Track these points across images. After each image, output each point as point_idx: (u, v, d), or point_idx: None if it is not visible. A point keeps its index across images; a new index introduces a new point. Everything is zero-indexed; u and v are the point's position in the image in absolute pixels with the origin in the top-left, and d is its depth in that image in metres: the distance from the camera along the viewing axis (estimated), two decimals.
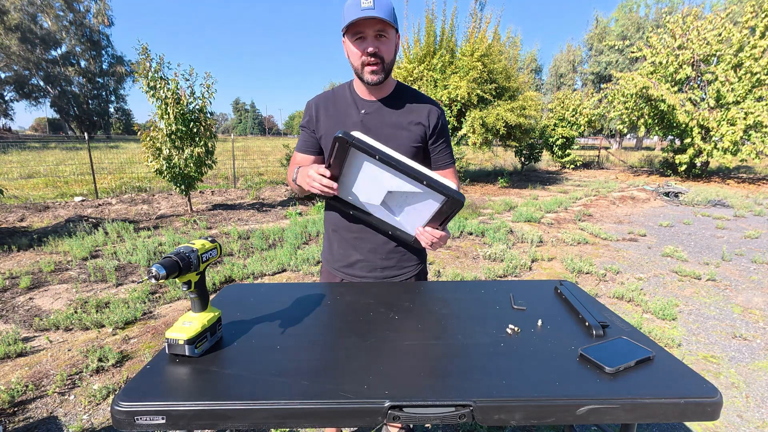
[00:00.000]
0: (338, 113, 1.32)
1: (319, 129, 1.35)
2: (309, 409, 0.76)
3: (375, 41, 1.17)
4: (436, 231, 1.21)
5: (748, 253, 4.98)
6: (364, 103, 1.31)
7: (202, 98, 6.45)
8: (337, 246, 1.43)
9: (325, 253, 1.51)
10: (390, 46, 1.20)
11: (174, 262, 0.85)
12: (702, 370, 2.50)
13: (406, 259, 1.42)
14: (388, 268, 1.41)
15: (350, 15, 1.12)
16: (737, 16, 14.50)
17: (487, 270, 4.12)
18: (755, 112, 10.52)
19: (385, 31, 1.17)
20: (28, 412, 2.03)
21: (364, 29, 1.15)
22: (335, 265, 1.45)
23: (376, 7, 1.11)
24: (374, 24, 1.14)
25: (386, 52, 1.19)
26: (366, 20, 1.12)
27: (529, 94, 10.73)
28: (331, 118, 1.33)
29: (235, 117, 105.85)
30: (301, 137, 1.41)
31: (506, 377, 0.84)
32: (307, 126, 1.38)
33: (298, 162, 1.40)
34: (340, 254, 1.43)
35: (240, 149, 20.54)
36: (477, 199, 8.70)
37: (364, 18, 1.11)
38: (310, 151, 1.39)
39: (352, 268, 1.42)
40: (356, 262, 1.41)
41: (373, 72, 1.20)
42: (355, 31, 1.16)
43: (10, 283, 3.68)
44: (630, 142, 39.72)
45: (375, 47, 1.17)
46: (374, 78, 1.21)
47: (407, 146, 1.29)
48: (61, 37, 37.70)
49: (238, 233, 5.36)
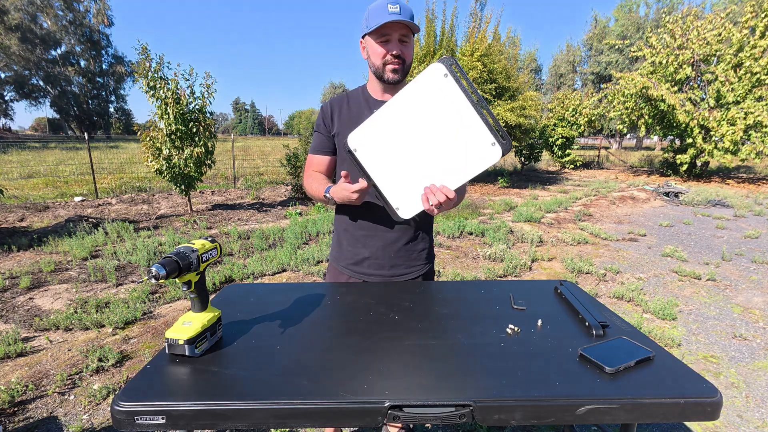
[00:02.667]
0: (351, 113, 1.37)
1: (333, 127, 1.39)
2: (309, 409, 0.76)
3: (399, 44, 1.25)
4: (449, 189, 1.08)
5: (748, 253, 4.98)
6: (377, 103, 1.35)
7: (201, 98, 6.45)
8: (347, 244, 1.45)
9: (333, 252, 1.52)
10: (411, 49, 1.29)
11: (174, 262, 0.85)
12: (702, 370, 2.50)
13: (414, 258, 1.44)
14: (396, 266, 1.42)
15: (378, 17, 1.20)
16: (737, 16, 14.49)
17: (487, 270, 4.12)
18: (755, 112, 10.52)
19: (408, 36, 1.26)
20: (28, 412, 2.03)
21: (391, 32, 1.23)
22: (343, 262, 1.46)
23: (403, 13, 1.19)
24: (400, 28, 1.22)
25: (408, 55, 1.28)
26: (393, 24, 1.20)
27: (529, 94, 10.73)
28: (344, 118, 1.37)
29: (235, 117, 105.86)
30: (316, 139, 1.45)
31: (506, 377, 0.84)
32: (321, 125, 1.41)
33: (314, 165, 1.45)
34: (348, 252, 1.44)
35: (240, 149, 20.53)
36: (477, 199, 8.70)
37: (392, 21, 1.19)
38: (324, 151, 1.43)
39: (359, 265, 1.43)
40: (364, 259, 1.42)
41: (394, 71, 1.27)
42: (382, 33, 1.23)
43: (10, 283, 3.68)
44: (630, 142, 39.71)
45: (399, 50, 1.25)
46: (395, 76, 1.28)
47: None
48: (61, 37, 37.67)
49: (238, 233, 5.36)
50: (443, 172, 1.08)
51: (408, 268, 1.44)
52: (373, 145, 1.11)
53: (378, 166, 1.11)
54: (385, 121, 1.09)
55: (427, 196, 1.07)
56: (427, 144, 1.07)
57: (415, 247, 1.44)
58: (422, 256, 1.46)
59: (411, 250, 1.43)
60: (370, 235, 1.40)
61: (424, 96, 1.05)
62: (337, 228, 1.49)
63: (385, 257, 1.41)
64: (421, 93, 1.05)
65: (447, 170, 1.08)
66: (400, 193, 1.12)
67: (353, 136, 1.11)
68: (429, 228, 1.50)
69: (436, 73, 1.04)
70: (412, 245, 1.43)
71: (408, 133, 1.08)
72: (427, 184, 1.09)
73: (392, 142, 1.09)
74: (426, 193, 1.08)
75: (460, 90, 1.03)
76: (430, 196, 1.07)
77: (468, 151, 1.06)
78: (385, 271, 1.42)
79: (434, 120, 1.05)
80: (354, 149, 1.11)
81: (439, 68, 1.03)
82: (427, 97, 1.05)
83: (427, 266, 1.49)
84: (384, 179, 1.12)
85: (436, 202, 1.06)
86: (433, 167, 1.08)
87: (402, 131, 1.08)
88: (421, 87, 1.05)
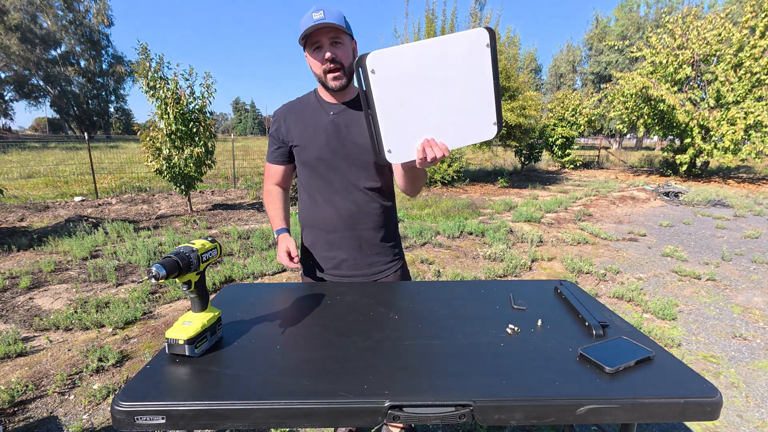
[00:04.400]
0: (307, 117, 1.37)
1: (289, 136, 1.40)
2: (309, 409, 0.76)
3: (331, 48, 1.24)
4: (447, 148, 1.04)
5: (748, 253, 4.98)
6: (331, 107, 1.36)
7: (201, 98, 6.45)
8: (320, 248, 1.44)
9: (304, 258, 1.49)
10: (346, 51, 1.27)
11: (174, 262, 0.85)
12: (702, 369, 2.50)
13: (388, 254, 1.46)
14: (374, 264, 1.43)
15: (304, 27, 1.20)
16: (737, 16, 14.50)
17: (487, 270, 4.12)
18: (755, 112, 10.52)
19: (339, 38, 1.24)
20: (28, 412, 2.03)
21: (320, 38, 1.22)
22: (319, 268, 1.45)
23: (327, 17, 1.19)
24: (328, 32, 1.22)
25: (344, 56, 1.26)
26: (319, 29, 1.20)
27: (529, 94, 10.72)
28: (300, 123, 1.37)
29: (235, 117, 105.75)
30: (271, 147, 1.47)
31: (506, 377, 0.84)
32: (276, 135, 1.42)
33: (271, 174, 1.51)
34: (323, 257, 1.44)
35: (240, 149, 20.51)
36: (477, 199, 8.70)
37: (318, 27, 1.18)
38: (280, 161, 1.47)
39: (338, 269, 1.43)
40: (342, 262, 1.42)
41: (335, 78, 1.27)
42: (312, 41, 1.23)
43: (10, 283, 3.68)
44: (630, 141, 39.72)
45: (332, 53, 1.24)
46: (337, 83, 1.28)
47: None
48: (61, 37, 37.64)
49: (238, 233, 5.36)
50: (443, 132, 1.06)
51: (385, 265, 1.45)
52: (390, 76, 1.01)
53: (386, 99, 1.01)
54: (411, 56, 1.01)
55: (425, 148, 1.02)
56: (440, 98, 1.04)
57: (388, 242, 1.45)
58: (395, 251, 1.48)
59: (385, 246, 1.44)
60: (344, 236, 1.39)
61: (457, 53, 1.02)
62: (306, 233, 1.47)
63: (362, 257, 1.41)
64: (456, 49, 1.02)
65: (448, 131, 1.06)
66: (396, 136, 1.04)
67: (375, 57, 0.98)
68: (396, 222, 1.52)
69: (480, 38, 1.01)
70: (386, 241, 1.44)
71: (427, 80, 1.03)
72: (426, 136, 1.05)
73: (409, 82, 1.02)
74: (425, 144, 1.02)
75: (491, 64, 1.04)
76: (428, 148, 1.01)
77: (473, 120, 1.07)
78: (365, 270, 1.43)
79: (456, 79, 1.03)
80: (371, 70, 0.99)
81: (484, 36, 1.01)
82: (460, 55, 1.03)
83: (401, 261, 1.51)
84: (386, 116, 1.03)
85: (432, 156, 1.01)
86: (437, 123, 1.05)
87: (422, 76, 1.02)
88: (459, 44, 1.02)
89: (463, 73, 1.03)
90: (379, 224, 1.41)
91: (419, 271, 4.07)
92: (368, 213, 1.38)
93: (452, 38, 1.01)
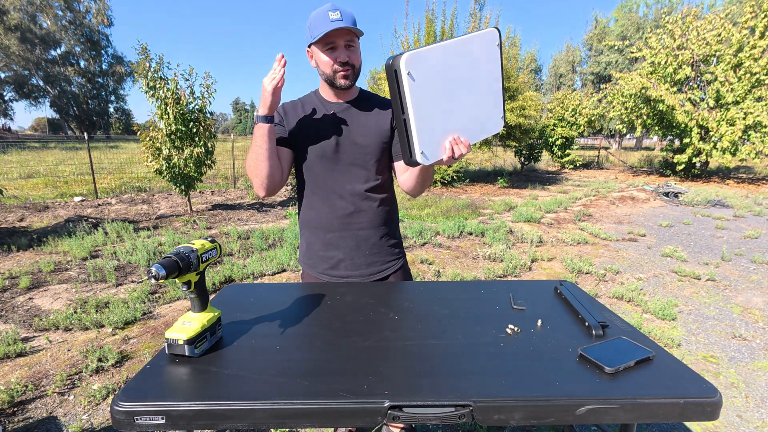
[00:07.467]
0: (308, 115, 1.37)
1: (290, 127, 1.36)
2: (309, 409, 0.76)
3: (345, 51, 1.25)
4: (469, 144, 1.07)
5: (747, 253, 4.98)
6: (333, 106, 1.37)
7: (201, 98, 6.45)
8: (318, 248, 1.43)
9: (303, 258, 1.49)
10: (358, 54, 1.30)
11: (174, 262, 0.85)
12: (702, 370, 2.50)
13: (387, 254, 1.44)
14: (373, 264, 1.42)
15: (321, 27, 1.19)
16: (736, 17, 14.51)
17: (487, 270, 4.13)
18: (755, 112, 10.53)
19: (353, 41, 1.26)
20: (28, 412, 2.03)
21: (335, 39, 1.23)
22: (318, 268, 1.44)
23: (344, 19, 1.20)
24: (344, 34, 1.23)
25: (356, 59, 1.29)
26: (337, 31, 1.20)
27: (529, 94, 10.72)
28: (300, 120, 1.37)
29: (235, 117, 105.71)
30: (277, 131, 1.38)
31: (506, 377, 0.84)
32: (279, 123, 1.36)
33: None
34: (321, 257, 1.43)
35: (240, 149, 20.44)
36: (477, 199, 8.70)
37: (336, 29, 1.19)
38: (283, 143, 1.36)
39: (336, 269, 1.42)
40: (339, 262, 1.41)
41: (345, 77, 1.28)
42: (327, 41, 1.23)
43: (9, 283, 3.68)
44: (630, 142, 39.71)
45: (347, 56, 1.25)
46: (346, 82, 1.29)
47: (378, 142, 1.36)
48: (61, 37, 37.64)
49: (238, 233, 5.36)
50: (464, 128, 1.09)
51: (383, 265, 1.44)
52: (422, 78, 1.01)
53: (419, 101, 1.02)
54: (436, 57, 1.02)
55: (453, 146, 1.03)
56: (461, 96, 1.08)
57: (387, 242, 1.44)
58: (394, 251, 1.47)
59: (384, 245, 1.43)
60: (342, 236, 1.38)
61: (473, 52, 1.07)
62: (305, 231, 1.46)
63: (360, 256, 1.40)
64: (471, 49, 1.07)
65: (467, 127, 1.10)
66: (427, 137, 1.04)
67: (410, 58, 0.97)
68: (396, 221, 1.50)
69: (491, 38, 1.08)
70: (385, 240, 1.43)
71: (451, 79, 1.05)
72: (451, 134, 1.06)
73: (437, 83, 1.03)
74: (452, 143, 1.03)
75: (499, 61, 1.11)
76: (455, 146, 1.03)
77: (487, 115, 1.13)
78: (363, 270, 1.42)
79: (473, 77, 1.09)
80: (408, 72, 0.98)
81: (495, 36, 1.08)
82: (477, 54, 1.08)
83: (402, 260, 1.49)
84: (420, 117, 1.03)
85: (459, 153, 1.03)
86: (460, 120, 1.08)
87: (447, 76, 1.05)
88: (474, 44, 1.07)
89: (479, 70, 1.09)
90: (378, 224, 1.41)
91: (419, 272, 4.07)
92: (366, 212, 1.38)
93: (470, 38, 1.07)
